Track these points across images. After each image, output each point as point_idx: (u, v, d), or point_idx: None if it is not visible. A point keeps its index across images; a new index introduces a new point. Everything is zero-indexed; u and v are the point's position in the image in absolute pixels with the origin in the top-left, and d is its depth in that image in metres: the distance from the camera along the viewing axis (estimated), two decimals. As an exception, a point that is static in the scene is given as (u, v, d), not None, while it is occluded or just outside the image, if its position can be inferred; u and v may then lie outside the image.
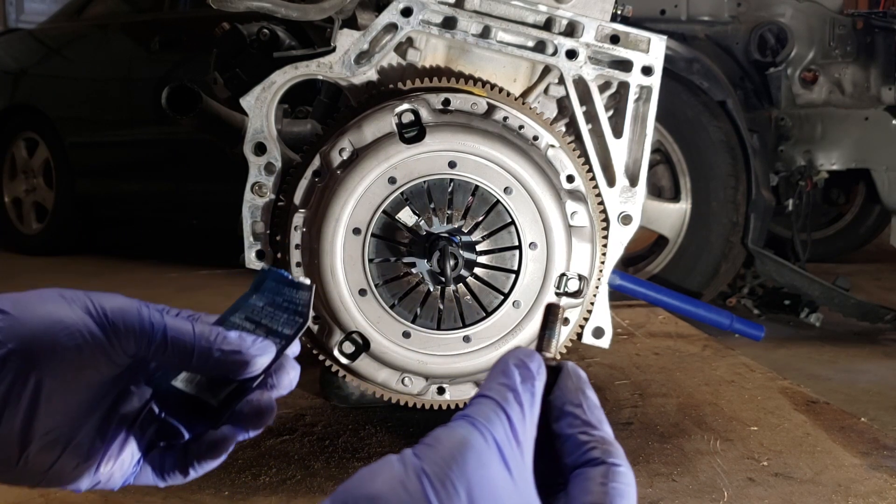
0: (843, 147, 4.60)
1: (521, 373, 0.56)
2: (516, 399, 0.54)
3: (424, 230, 1.34)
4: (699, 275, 4.00)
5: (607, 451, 0.55)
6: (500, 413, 0.53)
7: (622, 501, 0.52)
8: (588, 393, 0.58)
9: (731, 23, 4.67)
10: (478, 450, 0.49)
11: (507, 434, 0.52)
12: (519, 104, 1.43)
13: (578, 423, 0.56)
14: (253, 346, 0.70)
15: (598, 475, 0.53)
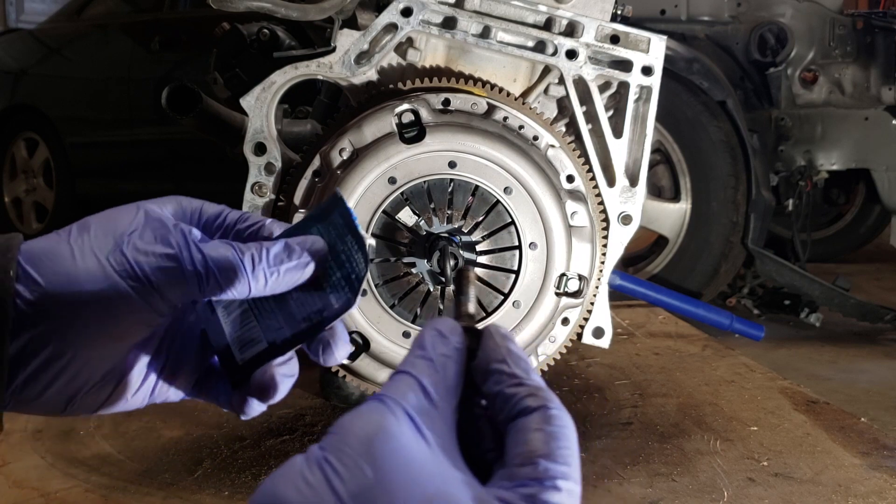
0: (843, 147, 4.60)
1: (433, 340, 0.54)
2: (431, 367, 0.52)
3: (424, 230, 1.34)
4: (699, 275, 4.00)
5: (538, 398, 0.52)
6: (412, 383, 0.51)
7: (561, 443, 0.49)
8: (512, 348, 0.55)
9: (731, 23, 4.67)
10: (384, 425, 0.47)
11: (422, 402, 0.50)
12: (519, 104, 1.43)
13: (505, 378, 0.53)
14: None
15: (532, 423, 0.50)
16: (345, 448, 0.45)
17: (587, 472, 1.39)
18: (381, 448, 0.45)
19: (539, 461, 0.48)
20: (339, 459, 0.45)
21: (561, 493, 0.47)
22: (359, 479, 0.44)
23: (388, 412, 0.47)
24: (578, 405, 1.71)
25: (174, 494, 1.36)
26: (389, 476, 0.44)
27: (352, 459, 0.45)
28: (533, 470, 0.47)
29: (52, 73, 5.83)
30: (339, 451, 0.45)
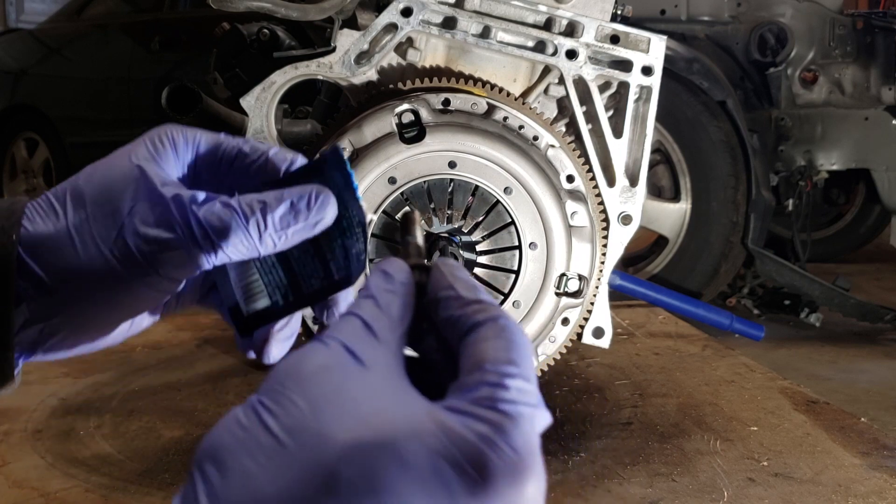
0: (843, 147, 4.60)
1: (377, 280, 0.52)
2: (372, 303, 0.50)
3: (424, 230, 1.34)
4: (699, 275, 4.00)
5: (487, 313, 0.50)
6: (350, 319, 0.49)
7: (511, 348, 0.47)
8: (459, 274, 0.53)
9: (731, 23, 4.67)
10: (317, 358, 0.46)
11: (360, 333, 0.48)
12: (519, 104, 1.43)
13: (453, 302, 0.51)
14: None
15: (481, 335, 0.48)
16: (276, 387, 0.44)
17: (587, 473, 1.39)
18: (313, 379, 0.44)
19: (486, 365, 0.46)
20: (272, 398, 0.44)
21: (510, 390, 0.45)
22: (291, 412, 0.43)
23: (323, 347, 0.46)
24: (578, 405, 1.71)
25: (174, 494, 1.36)
26: (322, 404, 0.43)
27: (284, 396, 0.44)
28: (481, 374, 0.46)
29: (52, 73, 5.83)
30: (272, 391, 0.44)
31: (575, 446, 1.50)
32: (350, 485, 0.41)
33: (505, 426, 0.43)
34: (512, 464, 0.42)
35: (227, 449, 0.43)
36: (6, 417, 1.65)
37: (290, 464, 0.42)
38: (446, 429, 0.43)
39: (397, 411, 0.44)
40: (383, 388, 0.45)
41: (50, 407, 1.72)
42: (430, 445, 0.42)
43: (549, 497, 1.31)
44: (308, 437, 0.42)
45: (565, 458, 1.45)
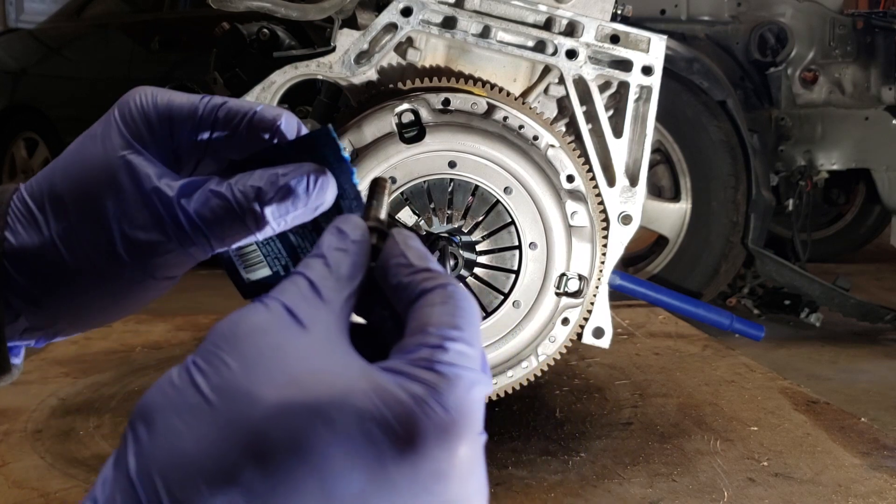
0: (843, 147, 4.60)
1: (329, 238, 0.51)
2: (321, 262, 0.49)
3: (424, 230, 1.34)
4: (699, 275, 4.00)
5: (436, 280, 0.48)
6: (296, 279, 0.47)
7: (456, 312, 0.46)
8: (411, 243, 0.52)
9: (731, 23, 4.67)
10: (254, 319, 0.44)
11: (304, 293, 0.46)
12: (519, 104, 1.43)
13: (403, 269, 0.50)
14: None
15: (428, 301, 0.47)
16: (210, 346, 0.43)
17: (587, 473, 1.39)
18: (247, 339, 0.43)
19: (429, 328, 0.45)
20: (205, 358, 0.43)
21: (449, 352, 0.44)
22: (222, 371, 0.42)
23: (263, 307, 0.45)
24: (578, 405, 1.71)
25: None
26: (253, 363, 0.42)
27: (216, 355, 0.43)
28: (423, 337, 0.45)
29: (52, 73, 5.83)
30: (206, 351, 0.43)
31: (575, 446, 1.50)
32: (275, 445, 0.40)
33: (439, 386, 0.42)
34: (442, 424, 0.41)
35: (157, 408, 0.42)
36: (6, 417, 1.65)
37: (216, 423, 0.41)
38: (379, 389, 0.42)
39: (331, 372, 0.43)
40: (320, 350, 0.44)
41: (50, 407, 1.72)
42: (359, 406, 0.41)
43: (550, 497, 1.31)
44: (236, 396, 0.41)
45: (565, 458, 1.45)
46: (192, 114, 0.64)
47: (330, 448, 0.40)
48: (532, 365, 1.41)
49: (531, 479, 1.37)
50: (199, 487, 0.40)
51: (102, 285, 0.64)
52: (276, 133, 0.64)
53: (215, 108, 0.64)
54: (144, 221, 0.62)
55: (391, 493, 0.40)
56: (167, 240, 0.63)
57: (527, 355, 1.40)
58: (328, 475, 0.40)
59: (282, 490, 0.40)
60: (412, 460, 0.40)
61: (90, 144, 0.65)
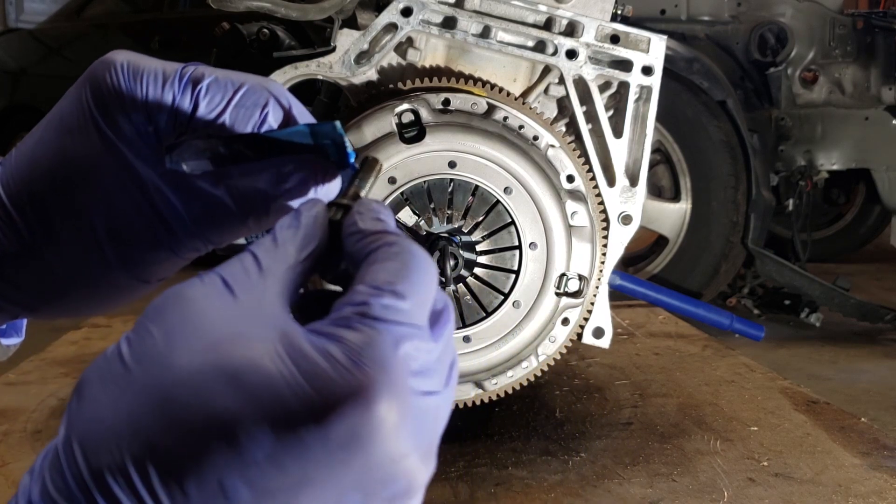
0: (843, 147, 4.60)
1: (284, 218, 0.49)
2: (270, 238, 0.48)
3: (424, 230, 1.34)
4: (699, 275, 4.00)
5: (381, 239, 0.47)
6: (242, 255, 0.46)
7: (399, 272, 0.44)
8: (366, 210, 0.50)
9: (732, 23, 4.67)
10: (186, 291, 0.44)
11: (245, 265, 0.45)
12: (519, 104, 1.43)
13: (354, 237, 0.49)
14: None
15: (369, 261, 0.46)
16: (142, 318, 0.43)
17: (587, 473, 1.39)
18: (172, 308, 0.43)
19: (359, 286, 0.44)
20: (135, 330, 0.43)
21: (373, 307, 0.42)
22: (145, 340, 0.42)
23: (197, 280, 0.45)
24: (578, 405, 1.71)
25: None
26: (174, 331, 0.42)
27: (143, 325, 0.43)
28: (350, 296, 0.44)
29: (52, 73, 5.83)
30: (137, 323, 0.43)
31: (575, 446, 1.50)
32: (185, 408, 0.40)
33: (355, 343, 0.41)
34: (354, 383, 0.40)
35: (87, 380, 0.42)
36: (6, 418, 1.65)
37: (131, 389, 0.41)
38: (296, 350, 0.41)
39: (250, 336, 0.42)
40: (247, 316, 0.43)
41: (50, 407, 1.72)
42: (270, 369, 0.40)
43: (550, 497, 1.31)
44: (152, 362, 0.41)
45: (565, 458, 1.45)
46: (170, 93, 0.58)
47: (237, 410, 0.39)
48: (532, 365, 1.41)
49: (531, 479, 1.37)
50: (112, 453, 0.40)
51: (89, 288, 0.63)
52: (265, 118, 0.59)
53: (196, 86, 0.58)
54: (135, 225, 0.60)
55: (304, 456, 0.39)
56: (158, 243, 0.61)
57: (527, 355, 1.40)
58: (237, 438, 0.39)
59: (191, 453, 0.39)
60: (323, 421, 0.39)
61: (69, 140, 0.60)
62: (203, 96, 0.58)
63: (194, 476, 0.39)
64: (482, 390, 1.40)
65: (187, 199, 0.60)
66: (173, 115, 0.58)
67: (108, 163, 0.59)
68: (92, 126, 0.59)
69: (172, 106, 0.58)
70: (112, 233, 0.60)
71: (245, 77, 0.59)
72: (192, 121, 0.58)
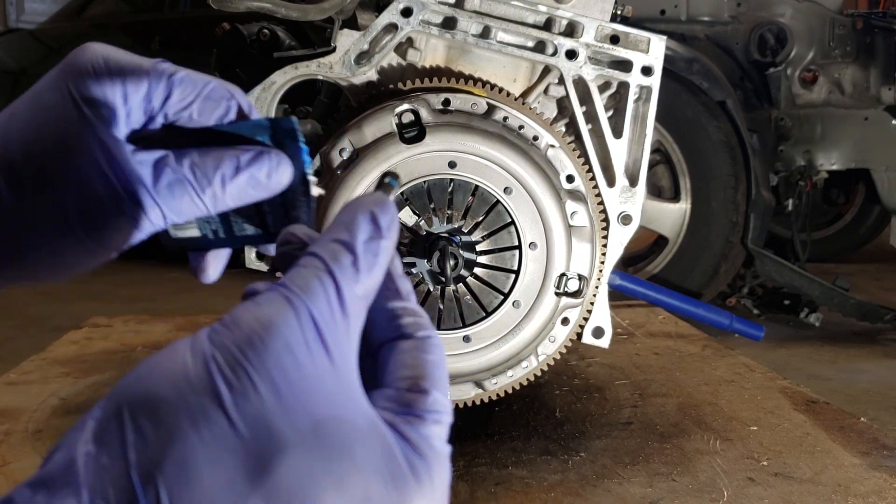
0: (842, 147, 4.60)
1: (366, 229, 0.47)
2: (353, 262, 0.45)
3: (424, 230, 1.34)
4: (699, 275, 4.00)
5: (418, 324, 0.48)
6: (325, 280, 0.44)
7: (438, 371, 0.47)
8: (397, 262, 0.51)
9: (731, 23, 4.67)
10: (285, 331, 0.41)
11: (333, 306, 0.43)
12: (519, 104, 1.43)
13: (391, 294, 0.49)
14: None
15: (412, 347, 0.47)
16: (236, 353, 0.41)
17: (587, 472, 1.40)
18: (278, 361, 0.41)
19: (430, 390, 0.46)
20: (230, 367, 0.40)
21: (442, 425, 0.46)
22: (249, 395, 0.40)
23: (292, 314, 0.42)
24: (578, 405, 1.71)
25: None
26: (282, 395, 0.40)
27: (242, 368, 0.40)
28: (421, 398, 0.45)
29: (52, 73, 5.83)
30: (230, 356, 0.40)
31: (575, 446, 1.50)
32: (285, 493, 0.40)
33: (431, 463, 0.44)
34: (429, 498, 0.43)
35: (168, 405, 0.40)
36: (6, 417, 1.65)
37: (237, 455, 0.39)
38: (388, 453, 0.43)
39: (348, 418, 0.42)
40: (340, 389, 0.43)
41: (50, 407, 1.72)
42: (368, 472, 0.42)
43: (550, 497, 1.31)
44: (261, 429, 0.40)
45: (565, 458, 1.45)
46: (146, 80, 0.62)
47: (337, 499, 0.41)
48: (532, 365, 1.41)
49: (531, 479, 1.37)
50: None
51: (52, 254, 0.63)
52: (229, 111, 0.64)
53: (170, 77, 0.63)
54: (102, 197, 0.61)
55: None
56: (122, 214, 0.62)
57: (527, 355, 1.40)
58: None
59: None
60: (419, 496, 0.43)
61: (45, 115, 0.61)
62: (177, 86, 0.63)
63: None
64: (482, 390, 1.41)
65: (154, 176, 0.62)
66: (148, 99, 0.62)
67: (83, 137, 0.61)
68: (70, 105, 0.61)
69: (148, 91, 0.62)
70: (80, 203, 0.61)
71: (210, 77, 0.64)
72: (163, 106, 0.63)
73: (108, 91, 0.61)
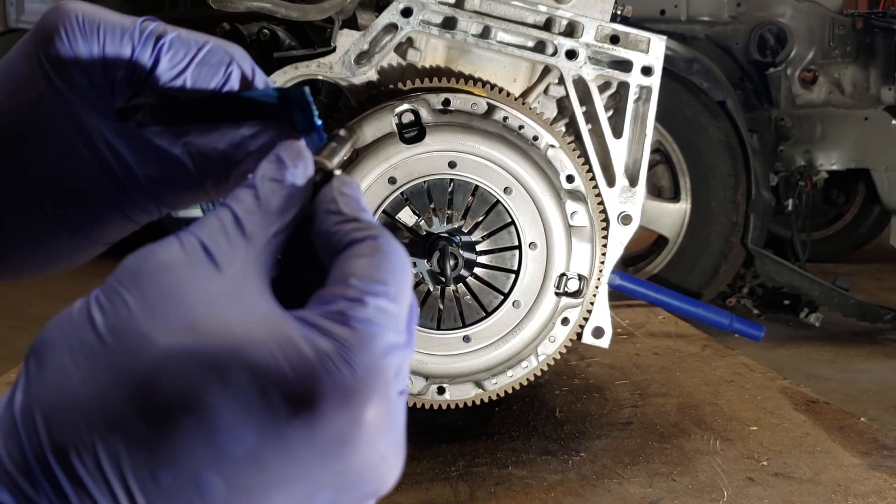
0: (842, 147, 4.61)
1: (267, 167, 0.45)
2: (251, 194, 0.44)
3: (424, 230, 1.35)
4: (699, 275, 4.00)
5: (366, 230, 0.45)
6: (222, 211, 0.43)
7: (382, 265, 0.43)
8: (347, 190, 0.47)
9: (731, 23, 4.68)
10: (164, 255, 0.40)
11: (226, 228, 0.42)
12: (519, 104, 1.43)
13: (333, 217, 0.46)
14: None
15: (354, 251, 0.43)
16: (113, 282, 0.40)
17: (587, 472, 1.40)
18: (151, 277, 0.40)
19: (351, 280, 0.42)
20: (106, 294, 0.40)
21: (368, 308, 0.41)
22: (120, 310, 0.39)
23: (176, 242, 0.41)
24: (578, 405, 1.71)
25: None
26: (154, 304, 0.39)
27: (116, 292, 0.40)
28: (343, 288, 0.41)
29: (51, 73, 5.84)
30: (109, 287, 0.40)
31: (575, 446, 1.50)
32: (162, 394, 0.38)
33: (350, 343, 0.39)
34: (347, 386, 0.38)
35: (51, 343, 0.40)
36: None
37: (106, 365, 0.38)
38: (283, 341, 0.39)
39: (234, 318, 0.40)
40: (228, 292, 0.41)
41: (50, 407, 1.72)
42: (256, 359, 0.38)
43: (550, 497, 1.31)
44: (130, 338, 0.39)
45: (565, 458, 1.45)
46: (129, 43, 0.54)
47: (219, 402, 0.37)
48: (532, 365, 1.41)
49: (531, 479, 1.37)
50: (80, 431, 0.37)
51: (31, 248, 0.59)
52: (229, 79, 0.55)
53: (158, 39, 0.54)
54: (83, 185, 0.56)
55: (286, 455, 0.38)
56: (108, 205, 0.57)
57: (527, 355, 1.40)
58: (217, 430, 0.37)
59: (167, 441, 0.37)
60: (310, 422, 0.38)
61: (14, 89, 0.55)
62: (165, 51, 0.54)
63: (167, 466, 0.37)
64: (482, 390, 1.41)
65: (142, 157, 0.56)
66: (131, 69, 0.55)
67: (57, 116, 0.55)
68: (41, 76, 0.54)
69: (131, 59, 0.54)
70: (58, 190, 0.56)
71: (208, 37, 0.56)
72: (150, 76, 0.54)
73: (85, 60, 0.54)
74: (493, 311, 1.37)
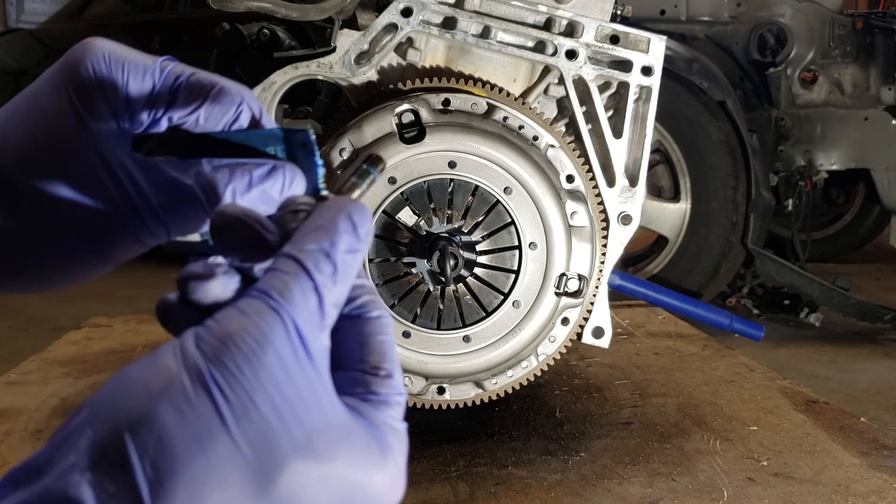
0: (842, 147, 4.60)
1: (347, 236, 0.45)
2: (333, 273, 0.44)
3: (424, 230, 1.35)
4: (699, 275, 4.00)
5: (374, 303, 0.48)
6: (307, 290, 0.43)
7: (393, 352, 0.48)
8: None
9: (731, 23, 4.67)
10: (277, 344, 0.41)
11: (314, 318, 0.43)
12: (519, 104, 1.43)
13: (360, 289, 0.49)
14: None
15: (369, 328, 0.47)
16: (232, 368, 0.40)
17: (587, 472, 1.40)
18: (273, 377, 0.41)
19: (392, 373, 0.47)
20: (229, 384, 0.40)
21: (401, 405, 0.47)
22: (251, 415, 0.40)
23: (281, 327, 0.42)
24: (578, 405, 1.71)
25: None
26: (279, 410, 0.41)
27: (238, 383, 0.40)
28: (384, 382, 0.47)
29: (52, 73, 5.83)
30: (226, 371, 0.40)
31: (575, 446, 1.50)
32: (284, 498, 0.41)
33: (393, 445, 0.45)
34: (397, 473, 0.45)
35: (173, 429, 0.39)
36: (6, 417, 1.65)
37: (240, 470, 0.39)
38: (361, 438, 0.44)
39: (332, 423, 0.43)
40: (323, 393, 0.43)
41: (50, 407, 1.72)
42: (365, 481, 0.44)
43: (549, 497, 1.31)
44: (262, 445, 0.40)
45: (565, 458, 1.45)
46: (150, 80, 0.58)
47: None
48: (532, 365, 1.41)
49: (531, 479, 1.37)
50: None
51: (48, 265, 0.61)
52: (239, 117, 0.59)
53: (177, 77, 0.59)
54: (102, 211, 0.58)
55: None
56: (123, 229, 0.59)
57: (527, 355, 1.40)
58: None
59: None
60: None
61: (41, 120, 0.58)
62: (183, 89, 0.59)
63: None
64: (482, 390, 1.41)
65: (157, 186, 0.59)
66: (151, 104, 0.58)
67: (81, 144, 0.57)
68: (68, 107, 0.57)
69: (151, 95, 0.58)
70: (78, 213, 0.58)
71: (220, 78, 0.60)
72: (168, 111, 0.58)
73: (109, 93, 0.57)
74: (493, 311, 1.37)
